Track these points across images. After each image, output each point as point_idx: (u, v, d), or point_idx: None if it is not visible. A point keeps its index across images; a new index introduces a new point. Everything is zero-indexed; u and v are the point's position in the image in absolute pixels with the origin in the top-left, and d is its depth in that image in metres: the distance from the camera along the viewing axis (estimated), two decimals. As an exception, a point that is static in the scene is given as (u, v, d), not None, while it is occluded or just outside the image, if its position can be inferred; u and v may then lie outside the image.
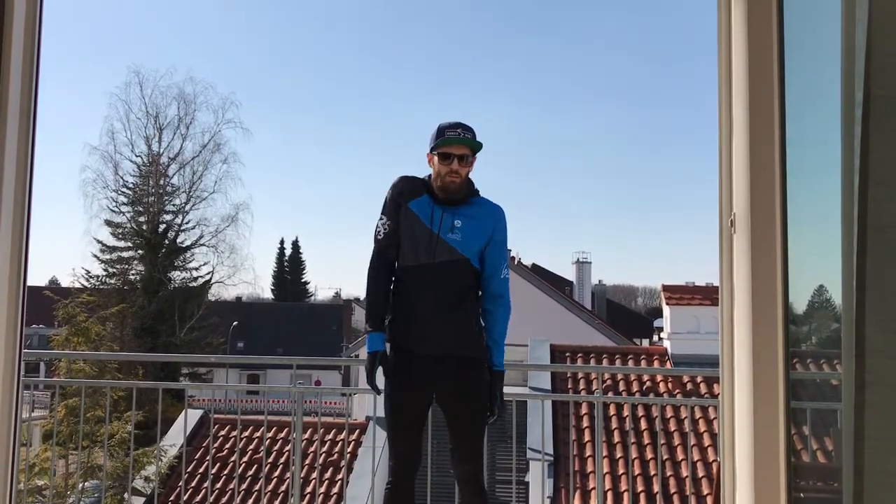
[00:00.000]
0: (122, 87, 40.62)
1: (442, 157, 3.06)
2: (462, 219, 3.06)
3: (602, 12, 73.67)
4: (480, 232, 3.08)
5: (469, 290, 3.10)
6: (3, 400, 1.84)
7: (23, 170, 1.89)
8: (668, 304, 15.25)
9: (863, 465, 1.25)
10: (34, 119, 1.93)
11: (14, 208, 1.88)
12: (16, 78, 1.87)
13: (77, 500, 9.28)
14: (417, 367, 3.06)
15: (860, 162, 1.28)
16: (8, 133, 1.85)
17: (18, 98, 1.88)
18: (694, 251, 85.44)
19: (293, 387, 4.78)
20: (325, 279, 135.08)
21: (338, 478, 10.96)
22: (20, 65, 1.89)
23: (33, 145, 1.93)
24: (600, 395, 4.64)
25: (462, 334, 3.06)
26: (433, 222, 3.05)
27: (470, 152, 3.09)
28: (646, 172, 79.39)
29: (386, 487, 3.09)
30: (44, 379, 14.26)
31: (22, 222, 1.89)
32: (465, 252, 3.05)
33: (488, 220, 3.11)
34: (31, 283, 1.98)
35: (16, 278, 1.88)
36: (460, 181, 3.07)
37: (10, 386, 1.85)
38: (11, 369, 1.85)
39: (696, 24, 62.68)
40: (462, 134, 3.06)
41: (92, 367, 12.64)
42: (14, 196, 1.88)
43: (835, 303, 1.53)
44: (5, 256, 1.86)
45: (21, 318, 1.90)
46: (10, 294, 1.87)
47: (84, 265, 38.83)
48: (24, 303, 1.90)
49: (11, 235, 1.87)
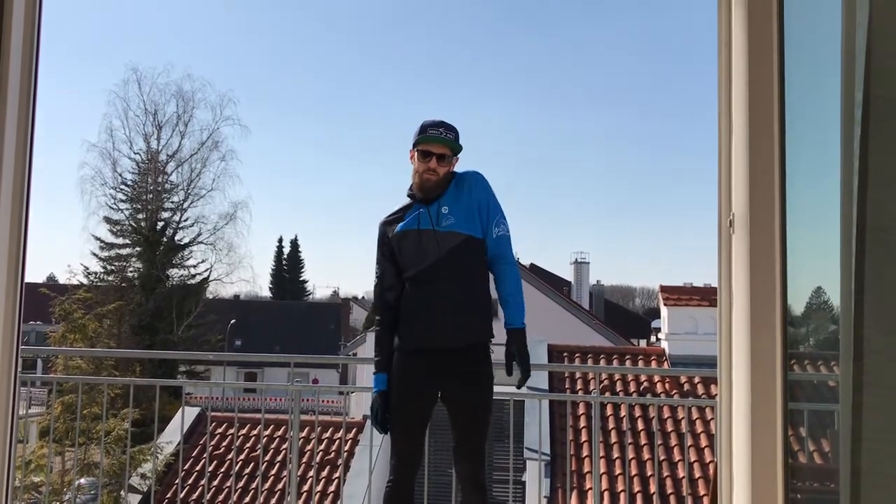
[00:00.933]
0: (120, 85, 40.63)
1: (421, 154, 3.07)
2: (447, 204, 3.05)
3: (602, 14, 73.67)
4: (467, 205, 3.07)
5: (478, 268, 3.07)
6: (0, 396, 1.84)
7: (21, 167, 1.89)
8: (666, 304, 15.27)
9: (860, 466, 1.25)
10: (33, 116, 1.93)
11: (12, 205, 1.87)
12: (14, 75, 1.87)
13: (73, 497, 9.28)
14: (424, 365, 3.05)
15: (859, 163, 1.28)
16: (7, 130, 1.85)
17: (17, 95, 1.88)
18: (692, 252, 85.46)
19: (291, 385, 4.77)
20: (323, 278, 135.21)
21: (335, 476, 10.96)
22: (19, 62, 1.88)
23: (32, 142, 1.93)
24: (598, 395, 4.64)
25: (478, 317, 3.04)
26: (424, 222, 3.05)
27: (450, 152, 3.09)
28: (644, 173, 79.46)
29: (387, 486, 3.09)
30: (41, 375, 14.23)
31: (20, 219, 1.88)
32: (464, 230, 3.03)
33: (469, 189, 3.09)
34: (29, 279, 1.98)
35: (14, 275, 1.88)
36: (437, 179, 3.07)
37: (7, 382, 1.85)
38: (8, 365, 1.85)
39: (695, 25, 62.73)
40: (444, 133, 3.06)
41: (89, 364, 12.62)
42: (12, 193, 1.87)
43: (833, 304, 1.52)
44: (3, 253, 1.86)
45: (19, 315, 1.89)
46: (8, 290, 1.87)
47: (82, 262, 38.81)
48: (22, 299, 1.90)
49: (10, 232, 1.87)
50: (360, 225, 75.39)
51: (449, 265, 3.02)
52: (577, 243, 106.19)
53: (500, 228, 3.08)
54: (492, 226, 3.07)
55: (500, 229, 3.08)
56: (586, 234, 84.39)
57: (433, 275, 3.03)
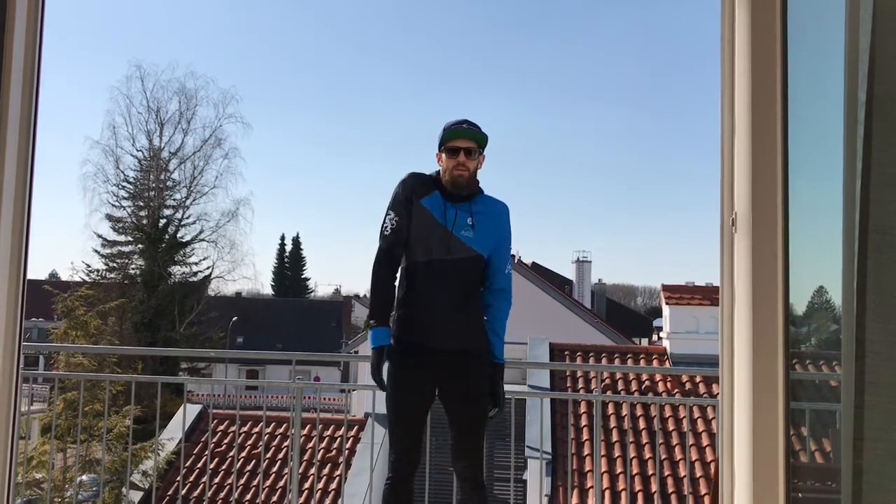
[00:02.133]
0: (123, 82, 40.60)
1: (449, 151, 3.09)
2: (474, 216, 3.09)
3: (604, 14, 73.59)
4: (491, 230, 3.12)
5: (477, 285, 3.14)
6: (2, 393, 1.84)
7: (23, 163, 1.89)
8: (668, 303, 15.25)
9: (861, 465, 1.25)
10: (35, 113, 1.93)
11: (15, 202, 1.88)
12: (17, 70, 1.87)
13: (75, 494, 9.29)
14: (423, 362, 3.06)
15: (862, 163, 1.28)
16: (9, 127, 1.85)
17: (20, 92, 1.88)
18: (694, 251, 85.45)
19: (292, 382, 4.78)
20: (325, 275, 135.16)
21: (336, 474, 10.97)
22: (22, 58, 1.89)
23: (34, 139, 1.93)
24: (599, 393, 4.64)
25: (471, 328, 3.09)
26: (447, 219, 3.06)
27: (476, 145, 3.10)
28: (647, 172, 79.38)
29: (386, 483, 3.10)
30: (43, 372, 14.25)
31: (22, 215, 1.89)
32: (479, 249, 3.09)
33: (497, 218, 3.17)
34: (31, 276, 1.98)
35: (16, 271, 1.88)
36: (468, 175, 3.09)
37: (10, 379, 1.85)
38: (11, 362, 1.85)
39: (696, 24, 62.66)
40: (467, 126, 3.09)
41: (91, 361, 12.64)
42: (15, 189, 1.88)
43: (835, 304, 1.52)
44: (5, 250, 1.86)
45: (21, 311, 1.90)
46: (10, 287, 1.87)
47: (84, 259, 38.83)
48: (24, 296, 1.90)
49: (12, 228, 1.87)
50: (362, 223, 75.39)
51: (455, 273, 3.05)
52: (579, 242, 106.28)
53: (509, 266, 3.24)
54: (505, 262, 3.20)
55: (510, 267, 3.24)
56: (588, 233, 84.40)
57: (438, 274, 3.04)
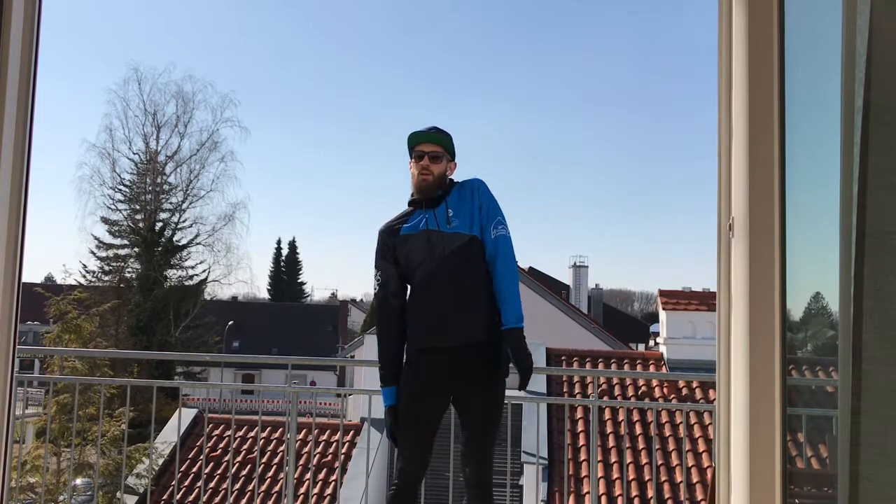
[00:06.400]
0: (120, 84, 40.62)
1: (415, 157, 3.13)
2: (452, 207, 3.09)
3: (602, 20, 73.76)
4: (470, 209, 3.10)
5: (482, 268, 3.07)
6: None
7: (19, 166, 1.88)
8: (665, 309, 15.28)
9: (858, 471, 1.25)
10: (31, 115, 1.92)
11: (10, 205, 1.87)
12: (13, 74, 1.87)
13: (69, 498, 9.25)
14: (434, 366, 3.03)
15: (859, 168, 1.28)
16: (5, 129, 1.84)
17: (16, 94, 1.88)
18: (691, 257, 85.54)
19: (288, 387, 4.78)
20: (321, 280, 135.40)
21: (332, 479, 10.93)
22: (18, 61, 1.88)
23: (30, 141, 1.92)
24: (595, 399, 4.64)
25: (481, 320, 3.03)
26: (429, 224, 3.07)
27: (440, 149, 3.12)
28: (644, 177, 79.54)
29: (391, 489, 3.08)
30: (37, 375, 14.20)
31: (18, 218, 1.88)
32: (465, 230, 3.06)
33: (469, 195, 3.13)
34: (27, 279, 1.97)
35: (11, 275, 1.87)
36: (432, 179, 3.10)
37: (4, 382, 1.84)
38: (5, 365, 1.84)
39: (694, 31, 62.84)
40: (429, 130, 3.12)
41: (84, 365, 12.58)
42: (10, 193, 1.87)
43: (832, 309, 1.52)
44: (0, 253, 1.85)
45: (16, 315, 1.89)
46: (5, 290, 1.86)
47: (80, 261, 38.76)
48: (19, 299, 1.90)
49: (7, 231, 1.87)
50: (359, 227, 75.53)
51: (453, 264, 3.03)
52: (576, 247, 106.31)
53: (498, 230, 3.08)
54: (490, 226, 3.08)
55: (499, 230, 3.08)
56: (585, 238, 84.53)
57: (439, 274, 3.04)
